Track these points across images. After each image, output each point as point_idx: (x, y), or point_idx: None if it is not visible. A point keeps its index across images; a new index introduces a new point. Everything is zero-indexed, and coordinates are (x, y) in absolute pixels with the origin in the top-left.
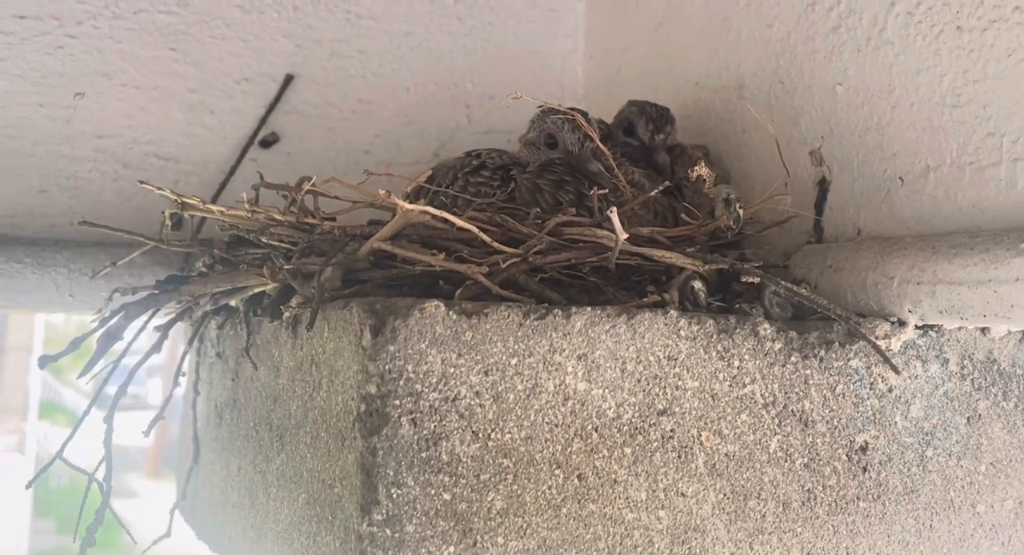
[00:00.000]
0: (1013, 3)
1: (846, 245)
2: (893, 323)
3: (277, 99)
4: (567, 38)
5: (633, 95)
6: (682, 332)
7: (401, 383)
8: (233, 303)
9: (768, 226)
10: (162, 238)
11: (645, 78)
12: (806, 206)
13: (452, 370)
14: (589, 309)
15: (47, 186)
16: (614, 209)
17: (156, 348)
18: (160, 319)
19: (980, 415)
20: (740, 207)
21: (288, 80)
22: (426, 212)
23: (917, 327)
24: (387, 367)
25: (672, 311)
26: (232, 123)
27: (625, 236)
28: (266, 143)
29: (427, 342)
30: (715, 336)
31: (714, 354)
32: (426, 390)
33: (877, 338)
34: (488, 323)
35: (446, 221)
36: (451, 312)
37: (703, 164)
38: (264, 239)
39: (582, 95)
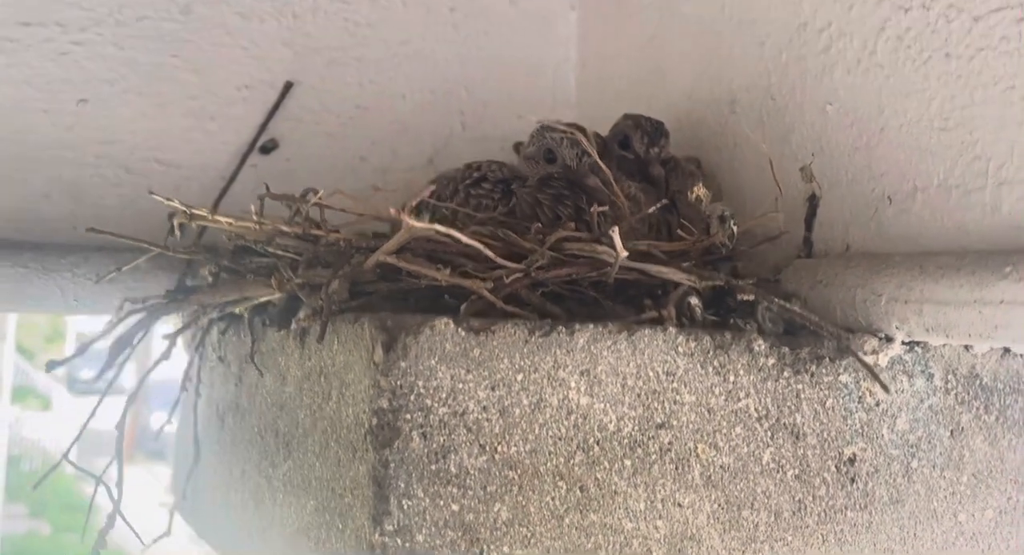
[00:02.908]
0: (999, 33)
1: (835, 261)
2: (881, 339)
3: (276, 106)
4: (559, 46)
5: (626, 105)
6: (680, 348)
7: (412, 398)
8: (237, 310)
9: (760, 242)
10: (166, 245)
11: (638, 88)
12: (796, 220)
13: (461, 385)
14: (592, 326)
15: (50, 191)
16: (615, 228)
17: (165, 356)
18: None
19: (963, 428)
20: (734, 224)
21: (287, 87)
22: (433, 229)
23: (904, 343)
24: (399, 383)
25: (671, 328)
26: (232, 129)
27: (625, 254)
28: (265, 149)
29: (437, 358)
30: (711, 352)
31: (711, 369)
32: (436, 405)
33: (865, 353)
34: (495, 340)
35: (451, 237)
36: (460, 329)
37: (701, 185)
38: (270, 249)
39: (574, 102)
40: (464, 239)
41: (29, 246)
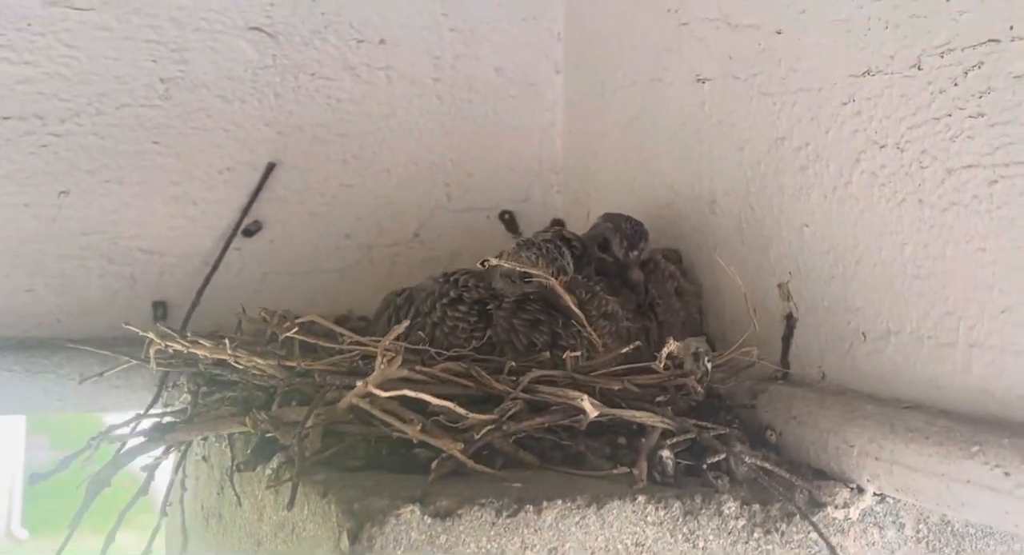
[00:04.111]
0: (972, 191)
1: (810, 396)
2: (852, 490)
3: (259, 187)
4: (545, 112)
5: (609, 183)
6: (649, 518)
7: None
8: None
9: (735, 372)
10: (145, 358)
11: (621, 169)
12: (774, 336)
13: None
14: (560, 502)
15: (34, 285)
16: (585, 397)
17: (143, 491)
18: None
19: None
20: (708, 361)
21: (270, 168)
22: (401, 395)
23: (875, 494)
24: None
25: (640, 497)
26: (215, 213)
27: (596, 414)
28: (249, 232)
29: (403, 548)
30: (681, 519)
31: (680, 537)
32: None
33: (837, 506)
34: (462, 524)
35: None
36: (426, 516)
37: (672, 341)
38: (244, 379)
39: (560, 167)
40: (434, 401)
41: (13, 343)
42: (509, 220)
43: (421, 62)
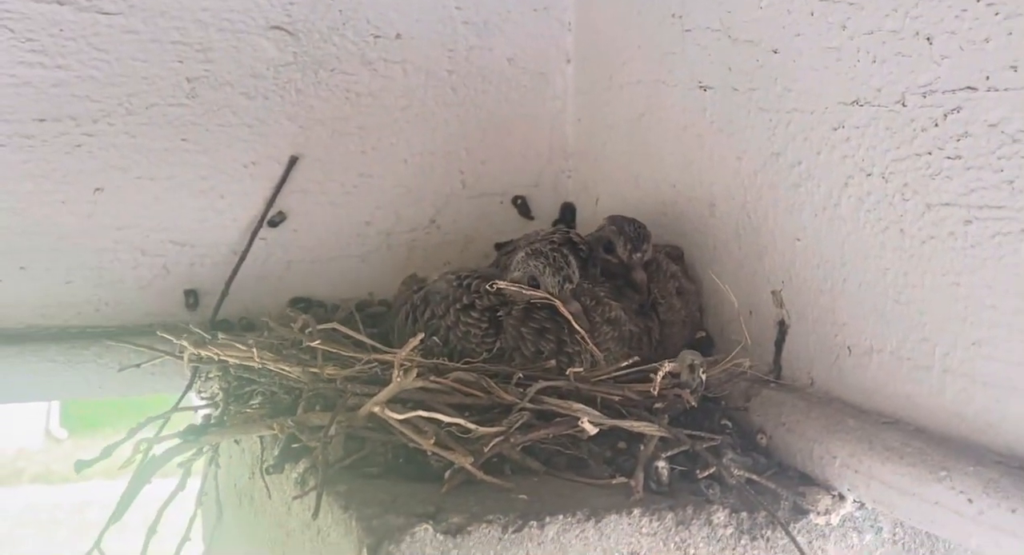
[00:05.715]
0: (948, 228)
1: (799, 404)
2: (834, 497)
3: (283, 180)
4: (556, 100)
5: (616, 174)
6: (644, 529)
7: None
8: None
9: (730, 377)
10: (177, 354)
11: (627, 162)
12: (767, 339)
13: None
14: (561, 517)
15: (72, 277)
16: (585, 418)
17: (180, 486)
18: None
19: None
20: (703, 372)
21: (293, 161)
22: (417, 414)
23: (855, 501)
24: None
25: (635, 510)
26: (241, 205)
27: (595, 431)
28: (273, 223)
29: None
30: (673, 530)
31: (672, 546)
32: None
33: (819, 513)
34: (471, 540)
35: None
36: (439, 534)
37: (667, 362)
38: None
39: (571, 154)
40: (447, 419)
41: (55, 332)
42: (522, 205)
43: (436, 55)
